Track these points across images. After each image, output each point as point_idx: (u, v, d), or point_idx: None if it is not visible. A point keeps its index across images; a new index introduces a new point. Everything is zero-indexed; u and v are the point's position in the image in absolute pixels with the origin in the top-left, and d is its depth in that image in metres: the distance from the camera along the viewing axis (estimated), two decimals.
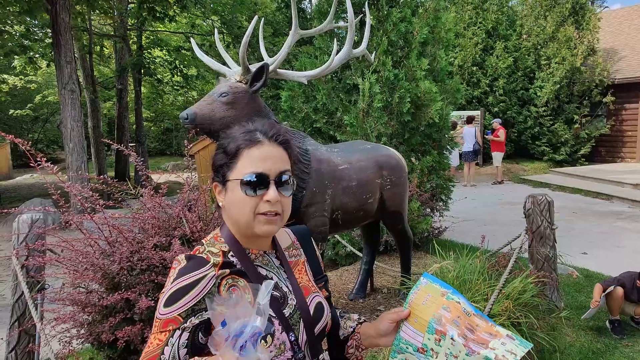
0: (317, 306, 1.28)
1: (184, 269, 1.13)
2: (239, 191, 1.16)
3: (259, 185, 1.15)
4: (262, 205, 1.15)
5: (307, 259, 1.38)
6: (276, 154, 1.20)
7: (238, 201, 1.17)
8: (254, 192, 1.15)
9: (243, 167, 1.17)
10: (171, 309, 1.08)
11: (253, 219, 1.16)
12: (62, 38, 9.53)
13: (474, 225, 7.82)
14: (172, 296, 1.09)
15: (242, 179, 1.16)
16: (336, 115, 5.76)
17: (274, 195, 1.15)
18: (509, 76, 15.82)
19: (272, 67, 3.24)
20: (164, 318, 1.08)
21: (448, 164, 6.37)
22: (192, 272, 1.11)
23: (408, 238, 4.30)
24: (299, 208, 3.38)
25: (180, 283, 1.10)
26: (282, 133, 1.23)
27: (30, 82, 18.72)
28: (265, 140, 1.20)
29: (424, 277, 1.31)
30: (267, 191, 1.15)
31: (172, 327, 1.08)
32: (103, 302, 2.43)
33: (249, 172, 1.16)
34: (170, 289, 1.10)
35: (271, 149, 1.19)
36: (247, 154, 1.18)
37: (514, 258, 3.57)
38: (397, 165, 3.98)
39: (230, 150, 1.20)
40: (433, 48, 5.90)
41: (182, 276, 1.11)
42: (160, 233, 2.79)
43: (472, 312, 1.23)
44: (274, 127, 1.23)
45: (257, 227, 1.17)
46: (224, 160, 1.21)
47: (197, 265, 1.13)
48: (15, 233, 3.40)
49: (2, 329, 4.07)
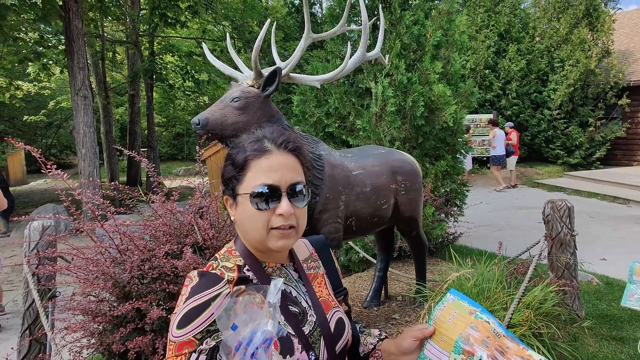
0: (338, 322, 1.20)
1: (197, 287, 1.06)
2: (249, 205, 1.09)
3: (270, 198, 1.08)
4: (275, 219, 1.08)
5: (326, 272, 1.31)
6: (287, 163, 1.12)
7: (249, 216, 1.10)
8: (266, 205, 1.08)
9: (252, 180, 1.10)
10: (185, 330, 1.01)
11: (266, 234, 1.09)
12: (74, 44, 9.59)
13: (489, 231, 7.70)
14: (185, 317, 1.02)
15: (251, 193, 1.08)
16: (349, 119, 5.69)
17: (286, 209, 1.07)
18: (521, 79, 15.65)
19: (284, 71, 3.18)
20: (179, 341, 1.02)
21: (462, 169, 6.26)
22: (206, 291, 1.05)
23: (423, 244, 4.21)
24: (312, 215, 3.31)
25: (193, 302, 1.03)
26: (292, 140, 1.15)
27: (43, 88, 18.92)
28: (274, 148, 1.12)
29: (450, 294, 1.23)
30: (279, 204, 1.08)
31: (187, 350, 1.01)
32: (114, 312, 2.38)
33: (259, 184, 1.08)
34: (183, 309, 1.03)
35: (281, 158, 1.11)
36: (255, 165, 1.10)
37: (533, 265, 3.46)
38: (411, 170, 3.90)
39: (239, 162, 1.13)
40: (446, 51, 5.81)
41: (194, 295, 1.04)
42: (172, 241, 2.74)
43: (502, 333, 1.15)
44: (284, 134, 1.15)
45: (272, 243, 1.09)
46: (233, 173, 1.14)
47: (211, 282, 1.07)
48: (26, 241, 3.38)
49: (14, 336, 4.06)
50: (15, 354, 3.51)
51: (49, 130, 24.74)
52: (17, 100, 16.38)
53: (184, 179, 3.65)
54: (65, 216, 2.93)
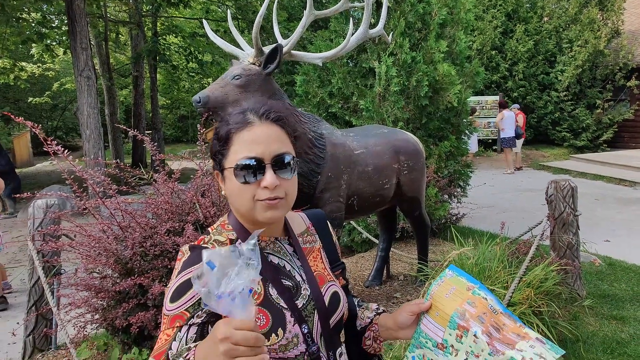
0: (333, 296, 1.21)
1: (188, 262, 1.07)
2: (235, 180, 1.08)
3: (254, 171, 1.06)
4: (261, 192, 1.06)
5: (322, 246, 1.31)
6: (270, 133, 1.09)
7: (236, 189, 1.09)
8: (251, 178, 1.06)
9: (236, 153, 1.08)
10: (177, 304, 1.03)
11: (253, 206, 1.08)
12: (77, 25, 9.53)
13: (493, 212, 7.69)
14: (176, 291, 1.04)
15: (235, 166, 1.07)
16: (352, 99, 5.65)
17: (270, 181, 1.05)
18: (529, 60, 15.43)
19: (286, 49, 3.15)
20: (171, 315, 1.04)
21: (466, 150, 6.22)
22: (196, 265, 1.05)
23: (425, 224, 4.22)
24: (314, 194, 3.31)
25: (184, 276, 1.04)
26: (275, 109, 1.12)
27: (48, 69, 18.88)
28: (257, 120, 1.10)
29: (449, 270, 1.23)
30: (264, 177, 1.06)
31: (179, 324, 1.03)
32: (116, 288, 2.41)
33: (242, 157, 1.07)
34: (175, 283, 1.05)
35: (264, 129, 1.09)
36: (238, 138, 1.09)
37: (535, 245, 3.46)
38: (414, 150, 3.88)
39: (222, 136, 1.11)
40: (452, 30, 5.73)
41: (185, 269, 1.05)
42: (174, 218, 2.75)
43: (499, 310, 1.14)
44: (266, 104, 1.13)
45: (259, 214, 1.08)
46: (218, 147, 1.13)
47: (201, 256, 1.07)
48: (30, 218, 3.41)
49: (22, 313, 4.12)
50: (22, 329, 3.57)
51: (54, 112, 24.75)
52: (21, 82, 16.34)
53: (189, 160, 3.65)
54: (68, 195, 2.95)
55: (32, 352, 3.49)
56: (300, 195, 3.35)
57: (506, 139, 12.38)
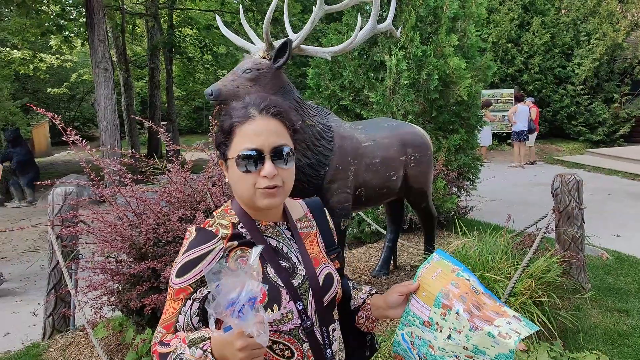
0: (327, 276, 1.31)
1: (194, 242, 1.18)
2: (237, 169, 1.19)
3: (254, 161, 1.17)
4: (261, 180, 1.17)
5: (319, 231, 1.41)
6: (270, 127, 1.20)
7: (238, 178, 1.20)
8: (251, 168, 1.17)
9: (238, 145, 1.19)
10: (182, 279, 1.15)
11: (253, 194, 1.19)
12: (95, 17, 9.71)
13: (502, 206, 7.71)
14: (182, 268, 1.16)
15: (237, 157, 1.18)
16: (363, 92, 5.71)
17: (269, 170, 1.16)
18: (545, 53, 15.26)
19: (295, 43, 3.23)
20: (176, 287, 1.16)
21: (476, 143, 6.25)
22: (201, 246, 1.17)
23: (432, 216, 4.28)
24: (322, 184, 3.40)
25: (190, 255, 1.16)
26: (275, 104, 1.23)
27: (66, 61, 19.19)
28: (257, 114, 1.20)
29: (436, 254, 1.33)
30: (263, 166, 1.17)
31: (183, 296, 1.15)
32: (131, 271, 2.54)
33: (243, 148, 1.17)
34: (181, 260, 1.17)
35: (264, 122, 1.20)
36: (240, 131, 1.19)
37: (539, 238, 3.51)
38: (422, 142, 3.94)
39: (225, 129, 1.22)
40: (463, 23, 5.75)
41: (191, 249, 1.17)
42: (186, 207, 2.87)
43: (481, 290, 1.24)
44: (266, 99, 1.24)
45: (259, 201, 1.19)
46: (222, 139, 1.24)
47: (206, 238, 1.18)
48: (50, 205, 3.56)
49: (42, 296, 4.29)
50: (42, 311, 3.74)
51: (71, 103, 25.16)
52: (40, 72, 16.67)
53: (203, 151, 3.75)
54: (86, 183, 3.08)
55: (52, 333, 3.66)
56: (308, 186, 3.44)
57: (517, 133, 12.31)
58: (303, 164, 3.26)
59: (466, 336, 1.18)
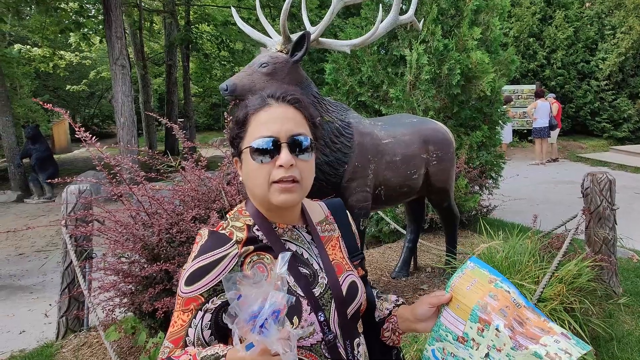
0: (351, 285, 1.18)
1: (205, 246, 1.06)
2: (251, 160, 1.07)
3: (269, 150, 1.05)
4: (276, 171, 1.05)
5: (341, 235, 1.28)
6: (286, 114, 1.09)
7: (251, 171, 1.08)
8: (266, 158, 1.05)
9: (252, 134, 1.08)
10: (192, 288, 1.03)
11: (268, 188, 1.06)
12: (112, 14, 9.71)
13: (525, 205, 7.49)
14: (192, 275, 1.03)
15: (251, 146, 1.06)
16: (382, 88, 5.56)
17: (286, 159, 1.03)
18: (568, 47, 14.87)
19: (313, 36, 3.11)
20: (186, 297, 1.04)
21: (499, 140, 6.06)
22: (214, 251, 1.05)
23: (454, 216, 4.13)
24: (341, 183, 3.28)
25: (201, 262, 1.04)
26: (292, 92, 1.12)
27: (85, 58, 19.36)
28: (273, 101, 1.09)
29: (470, 261, 1.19)
30: (279, 155, 1.04)
31: (194, 307, 1.03)
32: (142, 273, 2.45)
33: (258, 136, 1.06)
34: (191, 267, 1.04)
35: (280, 109, 1.09)
36: (255, 119, 1.08)
37: (568, 239, 3.34)
38: (444, 139, 3.80)
39: (240, 119, 1.11)
40: (486, 16, 5.55)
41: (203, 254, 1.05)
42: (200, 206, 2.77)
43: (523, 304, 1.10)
44: (283, 87, 1.13)
45: (273, 197, 1.06)
46: (236, 131, 1.12)
47: (219, 242, 1.06)
48: (63, 203, 3.51)
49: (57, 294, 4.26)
50: (56, 310, 3.70)
51: (91, 100, 25.43)
52: (60, 70, 16.84)
53: (217, 148, 3.71)
54: (101, 180, 3.01)
55: (65, 333, 3.61)
56: (326, 185, 3.31)
57: (538, 129, 12.00)
58: (321, 161, 3.15)
59: (507, 355, 1.05)
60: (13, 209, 10.53)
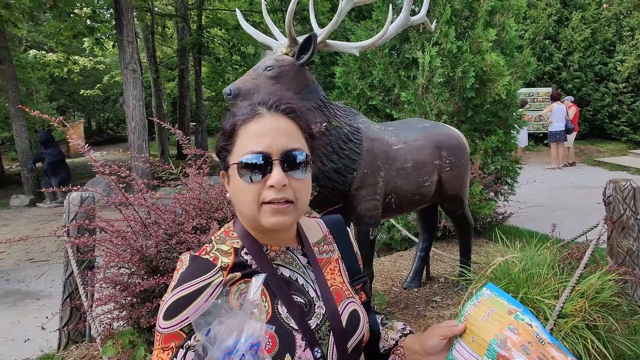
0: (352, 315, 1.05)
1: (186, 274, 0.93)
2: (238, 178, 0.94)
3: (259, 168, 0.92)
4: (267, 192, 0.92)
5: (341, 256, 1.15)
6: (279, 126, 0.96)
7: (239, 189, 0.95)
8: (256, 176, 0.93)
9: (240, 148, 0.95)
10: (172, 322, 0.89)
11: (258, 209, 0.94)
12: (123, 18, 9.71)
13: (542, 211, 7.28)
14: (172, 307, 0.90)
15: (238, 163, 0.94)
16: (393, 91, 5.42)
17: (277, 179, 0.91)
18: (585, 50, 14.58)
19: (320, 38, 2.99)
20: (165, 332, 0.90)
21: (515, 144, 5.87)
22: (195, 279, 0.91)
23: (468, 224, 3.97)
24: (349, 191, 3.15)
25: (181, 292, 0.91)
26: (286, 100, 0.98)
27: (98, 63, 19.51)
28: (265, 111, 0.96)
29: (487, 288, 1.05)
30: (270, 174, 0.92)
31: (175, 345, 0.89)
32: (137, 288, 2.34)
33: (246, 152, 0.93)
34: (170, 298, 0.91)
35: (272, 121, 0.96)
36: (244, 132, 0.96)
37: (590, 250, 3.16)
38: (457, 145, 3.65)
39: (227, 130, 0.99)
40: (501, 17, 5.39)
41: (183, 283, 0.92)
42: (202, 215, 2.66)
43: (547, 340, 0.96)
44: (276, 95, 0.99)
45: (264, 219, 0.94)
46: (222, 143, 1.00)
47: (201, 269, 0.93)
48: (65, 211, 3.43)
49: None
50: (58, 320, 3.61)
51: (106, 104, 25.67)
52: (74, 75, 16.97)
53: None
54: (93, 189, 2.91)
55: (67, 344, 3.52)
56: (334, 193, 3.17)
57: (554, 133, 11.74)
58: (329, 168, 3.02)
59: None
60: (25, 213, 10.57)
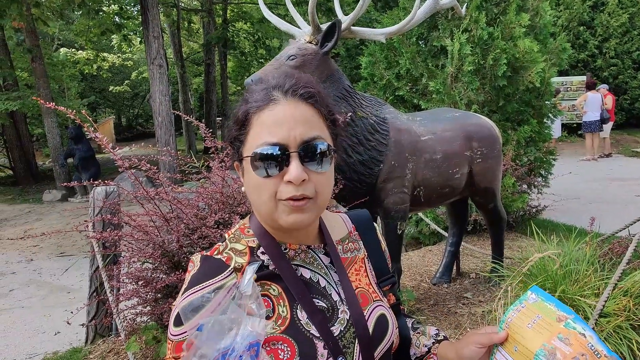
0: (380, 320, 0.95)
1: (197, 276, 0.85)
2: (253, 172, 0.85)
3: (275, 161, 0.82)
4: (284, 188, 0.83)
5: (367, 255, 1.05)
6: (297, 114, 0.85)
7: (254, 185, 0.86)
8: (272, 170, 0.83)
9: (254, 139, 0.85)
10: (183, 329, 0.81)
11: (275, 207, 0.84)
12: (149, 13, 9.77)
13: (578, 204, 7.00)
14: (182, 312, 0.83)
15: (252, 155, 0.84)
16: (421, 81, 5.26)
17: (295, 174, 0.81)
18: (622, 35, 13.99)
19: (345, 25, 2.87)
20: (176, 340, 0.82)
21: (549, 135, 5.63)
22: (207, 281, 0.83)
23: (501, 218, 3.81)
24: (376, 184, 3.04)
25: (191, 296, 0.82)
26: (305, 84, 0.87)
27: (127, 59, 19.82)
28: (281, 97, 0.86)
29: (532, 292, 0.94)
30: (288, 168, 0.82)
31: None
32: (159, 284, 2.29)
33: (261, 143, 0.83)
34: (180, 302, 0.83)
35: (289, 108, 0.85)
36: (258, 120, 0.85)
37: (633, 245, 2.96)
38: (489, 135, 3.49)
39: (239, 118, 0.88)
40: (535, 1, 5.15)
41: (194, 286, 0.84)
42: (224, 209, 2.59)
43: (603, 352, 0.84)
44: (293, 77, 0.88)
45: (281, 218, 0.84)
46: (235, 132, 0.90)
47: (213, 271, 0.85)
48: (90, 206, 3.42)
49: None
50: (85, 313, 3.63)
51: (135, 100, 26.11)
52: (103, 71, 17.29)
53: None
54: (114, 184, 2.88)
55: (94, 337, 3.54)
56: (360, 186, 3.06)
57: (588, 123, 11.29)
58: (354, 160, 2.91)
59: None
60: (57, 208, 10.82)
